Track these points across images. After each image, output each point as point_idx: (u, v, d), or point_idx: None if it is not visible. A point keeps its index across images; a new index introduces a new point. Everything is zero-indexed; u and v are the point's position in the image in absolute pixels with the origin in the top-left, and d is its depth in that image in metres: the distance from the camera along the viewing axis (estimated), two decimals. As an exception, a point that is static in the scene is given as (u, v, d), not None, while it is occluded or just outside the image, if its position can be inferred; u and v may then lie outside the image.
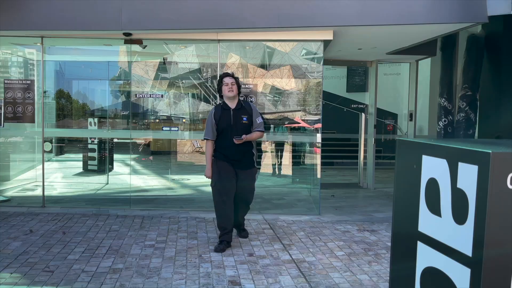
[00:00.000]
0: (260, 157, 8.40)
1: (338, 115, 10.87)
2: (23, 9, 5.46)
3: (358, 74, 13.14)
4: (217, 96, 4.81)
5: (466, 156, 1.31)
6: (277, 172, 8.78)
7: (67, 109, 9.48)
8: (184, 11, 5.41)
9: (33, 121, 6.13)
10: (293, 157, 8.80)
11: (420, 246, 1.54)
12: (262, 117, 4.48)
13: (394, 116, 11.83)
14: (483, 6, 5.18)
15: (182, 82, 9.66)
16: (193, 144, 10.49)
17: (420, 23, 5.19)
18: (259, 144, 7.88)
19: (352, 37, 5.92)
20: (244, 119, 4.25)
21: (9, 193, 6.79)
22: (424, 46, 6.93)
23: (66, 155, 9.76)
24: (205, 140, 4.32)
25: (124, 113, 9.41)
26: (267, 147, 8.77)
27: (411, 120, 8.27)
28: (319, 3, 5.31)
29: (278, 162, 8.75)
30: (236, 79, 4.31)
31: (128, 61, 6.96)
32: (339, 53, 7.18)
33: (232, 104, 4.29)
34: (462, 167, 1.33)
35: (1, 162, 7.60)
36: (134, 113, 9.41)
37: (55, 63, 8.45)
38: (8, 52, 7.50)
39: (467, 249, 1.31)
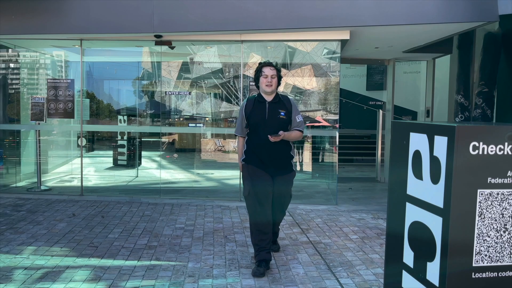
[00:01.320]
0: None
1: (358, 112, 11.16)
2: (64, 14, 6.01)
3: (377, 73, 13.34)
4: (239, 95, 4.88)
5: (439, 130, 1.68)
6: (298, 168, 9.14)
7: (100, 107, 10.07)
8: (210, 14, 5.85)
9: (72, 117, 6.69)
10: (313, 154, 9.15)
11: (408, 206, 1.91)
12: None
13: (413, 113, 12.01)
14: (494, 6, 5.42)
15: (205, 82, 10.12)
16: (215, 143, 10.94)
17: (432, 23, 5.47)
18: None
19: (368, 36, 6.24)
20: (282, 114, 3.58)
21: (49, 184, 7.38)
22: (439, 44, 7.17)
23: (95, 152, 10.36)
24: (237, 137, 3.83)
25: (150, 111, 9.96)
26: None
27: (427, 116, 8.49)
28: (336, 4, 5.65)
29: (299, 159, 9.09)
30: (278, 70, 3.65)
31: (157, 62, 7.45)
32: (357, 52, 7.50)
33: (268, 97, 3.64)
34: (437, 139, 1.69)
35: (42, 156, 8.21)
36: (161, 111, 9.91)
37: (85, 64, 9.05)
38: (44, 54, 8.12)
39: (439, 203, 1.67)
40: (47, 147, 8.34)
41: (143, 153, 9.96)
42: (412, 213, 1.87)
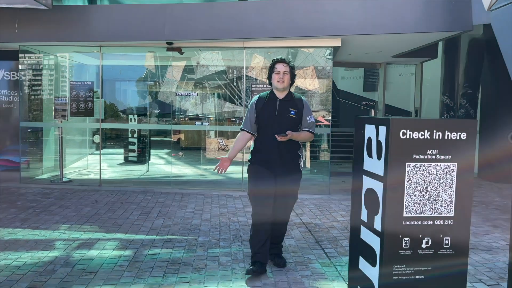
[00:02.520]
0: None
1: (356, 112, 11.84)
2: (87, 24, 6.75)
3: (373, 75, 14.01)
4: (242, 96, 5.28)
5: (381, 122, 2.38)
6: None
7: (113, 107, 10.82)
8: (216, 24, 6.58)
9: (92, 115, 7.43)
10: (311, 151, 9.85)
11: (364, 177, 2.62)
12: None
13: (407, 113, 12.70)
14: (469, 17, 6.12)
15: (209, 83, 10.83)
16: (219, 143, 11.65)
17: (413, 32, 6.18)
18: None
19: (357, 43, 6.95)
20: (292, 112, 3.49)
21: (69, 177, 8.11)
22: (425, 50, 7.86)
23: (107, 149, 11.08)
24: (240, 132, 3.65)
25: (159, 111, 10.69)
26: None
27: (416, 116, 9.18)
28: (328, 16, 6.36)
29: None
30: (292, 67, 3.58)
31: (167, 65, 8.17)
32: (350, 56, 8.21)
33: (280, 95, 3.56)
34: (380, 128, 2.40)
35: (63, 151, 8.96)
36: (168, 111, 10.64)
37: (97, 66, 9.79)
38: (65, 58, 8.87)
39: (381, 172, 2.38)
40: (66, 144, 9.08)
41: (152, 151, 10.70)
42: (367, 182, 2.58)
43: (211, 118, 10.98)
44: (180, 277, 3.44)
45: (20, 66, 7.61)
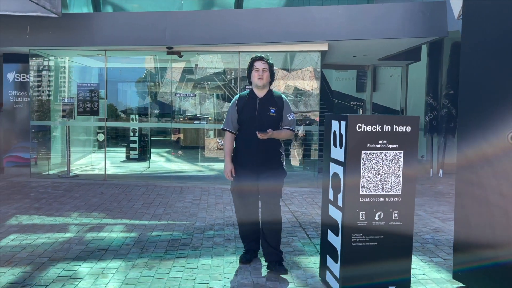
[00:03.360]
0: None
1: (349, 111, 12.40)
2: (93, 30, 7.30)
3: (365, 76, 14.59)
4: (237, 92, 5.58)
5: (342, 118, 2.93)
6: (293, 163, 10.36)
7: (115, 107, 11.37)
8: (213, 30, 7.13)
9: (97, 114, 7.98)
10: (304, 148, 10.39)
11: (331, 164, 3.17)
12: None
13: (396, 112, 13.26)
14: (444, 24, 6.68)
15: (208, 83, 11.37)
16: (217, 142, 12.20)
17: (394, 38, 6.73)
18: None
19: (343, 48, 7.50)
20: (272, 111, 3.53)
21: (75, 172, 8.66)
22: (409, 53, 8.42)
23: (108, 148, 11.60)
24: (225, 132, 3.67)
25: (160, 111, 11.23)
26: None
27: (402, 115, 9.73)
28: (316, 23, 6.91)
29: (296, 154, 10.28)
30: (270, 65, 3.58)
31: (167, 67, 8.71)
32: (339, 59, 8.77)
33: (260, 93, 3.59)
34: (342, 123, 2.95)
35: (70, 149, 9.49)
36: (168, 111, 11.18)
37: (99, 68, 10.32)
38: (72, 61, 9.41)
39: (341, 158, 2.93)
40: (72, 142, 9.63)
41: (153, 149, 11.24)
42: (332, 168, 3.13)
43: (210, 118, 11.52)
44: (179, 253, 3.99)
45: (30, 69, 8.15)
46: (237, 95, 3.70)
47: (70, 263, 3.69)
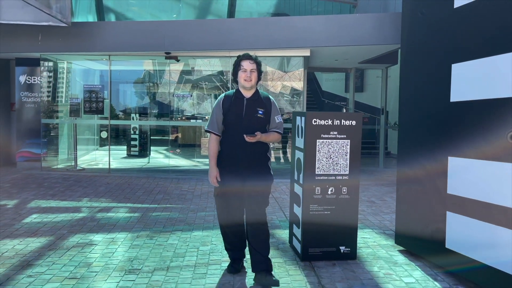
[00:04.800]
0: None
1: (338, 111, 13.19)
2: (99, 37, 8.10)
3: (355, 77, 15.40)
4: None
5: (302, 115, 3.75)
6: (282, 161, 11.14)
7: (118, 107, 12.16)
8: (207, 37, 7.93)
9: (102, 113, 8.78)
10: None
11: (296, 151, 3.98)
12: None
13: (378, 110, 14.07)
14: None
15: (206, 84, 12.17)
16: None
17: (367, 44, 7.54)
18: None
19: (325, 53, 8.31)
20: (260, 112, 3.33)
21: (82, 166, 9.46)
22: (386, 57, 9.20)
23: (112, 145, 12.38)
24: (208, 134, 3.41)
25: (159, 111, 12.03)
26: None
27: (382, 114, 10.54)
28: (299, 31, 7.72)
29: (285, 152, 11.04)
30: (258, 64, 3.37)
31: (165, 70, 9.50)
32: (322, 63, 9.57)
33: (247, 94, 3.37)
34: (302, 118, 3.76)
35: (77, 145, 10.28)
36: (166, 110, 11.98)
37: (102, 71, 11.12)
38: (78, 64, 10.21)
39: (302, 145, 3.74)
40: (78, 139, 10.42)
41: (152, 147, 12.04)
42: (297, 154, 3.95)
43: (206, 118, 12.29)
44: (175, 228, 4.80)
45: (41, 72, 8.95)
46: (222, 95, 3.44)
47: (86, 234, 4.50)
